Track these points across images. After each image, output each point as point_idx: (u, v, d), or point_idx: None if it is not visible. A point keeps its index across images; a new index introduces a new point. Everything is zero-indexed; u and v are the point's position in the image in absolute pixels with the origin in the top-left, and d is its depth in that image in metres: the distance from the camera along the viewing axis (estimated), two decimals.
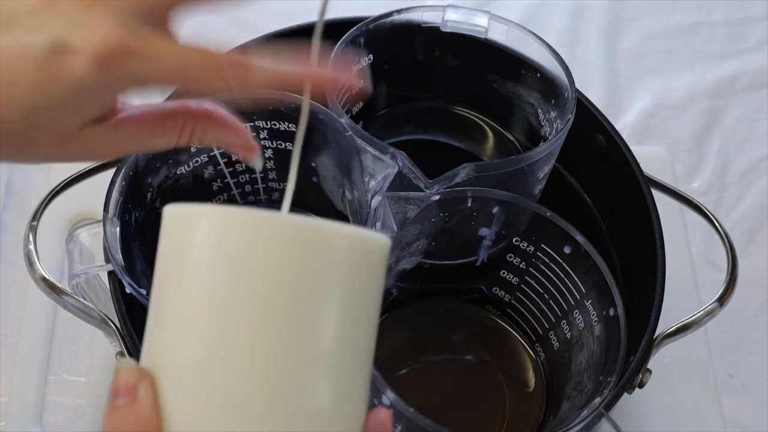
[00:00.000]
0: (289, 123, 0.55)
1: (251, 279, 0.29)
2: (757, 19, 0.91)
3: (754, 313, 0.72)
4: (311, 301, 0.30)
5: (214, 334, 0.29)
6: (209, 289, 0.30)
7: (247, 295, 0.29)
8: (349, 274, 0.31)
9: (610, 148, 0.61)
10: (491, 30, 0.60)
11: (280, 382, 0.29)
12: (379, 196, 0.49)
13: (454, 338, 0.61)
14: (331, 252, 0.30)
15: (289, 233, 0.30)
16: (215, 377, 0.29)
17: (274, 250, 0.30)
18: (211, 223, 0.30)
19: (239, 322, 0.29)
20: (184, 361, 0.30)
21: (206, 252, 0.30)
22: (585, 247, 0.51)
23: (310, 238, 0.30)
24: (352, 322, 0.31)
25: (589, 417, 0.46)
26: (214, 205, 0.31)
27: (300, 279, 0.30)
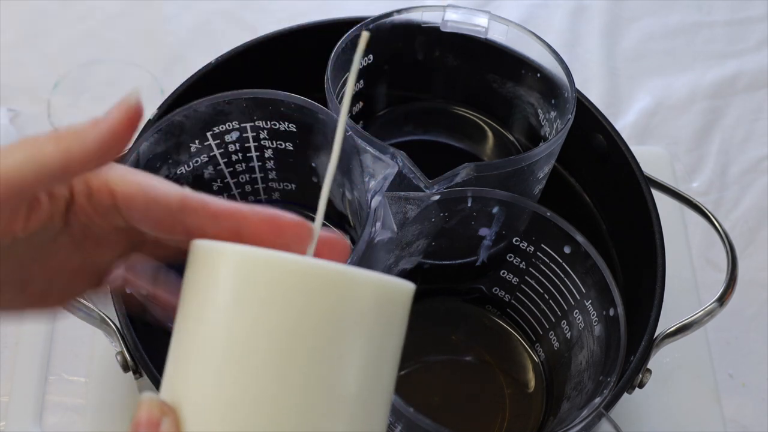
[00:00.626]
0: (289, 123, 0.55)
1: (274, 325, 0.29)
2: (757, 19, 0.91)
3: (754, 313, 0.72)
4: (334, 349, 0.30)
5: (235, 377, 0.29)
6: (232, 331, 0.30)
7: (270, 340, 0.29)
8: (374, 323, 0.31)
9: (610, 148, 0.61)
10: (491, 30, 0.60)
11: (300, 427, 0.29)
12: (379, 196, 0.49)
13: (454, 338, 0.61)
14: (356, 300, 0.30)
15: (314, 280, 0.29)
16: (236, 421, 0.29)
17: (299, 296, 0.29)
18: (236, 265, 0.30)
19: (261, 367, 0.29)
20: (205, 401, 0.30)
21: (229, 294, 0.30)
22: (585, 247, 0.51)
23: (335, 285, 0.30)
24: (373, 370, 0.31)
25: (589, 417, 0.46)
26: (240, 247, 0.30)
27: (324, 327, 0.29)
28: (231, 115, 0.54)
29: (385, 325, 0.31)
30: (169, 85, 0.64)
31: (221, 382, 0.30)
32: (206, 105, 0.53)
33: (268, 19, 0.85)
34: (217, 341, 0.30)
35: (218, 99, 0.53)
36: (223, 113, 0.53)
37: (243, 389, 0.29)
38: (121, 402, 0.61)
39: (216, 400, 0.30)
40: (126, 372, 0.53)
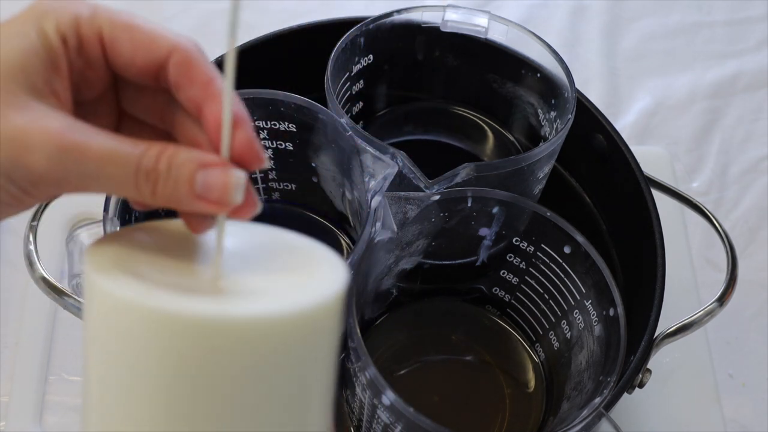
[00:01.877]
0: (289, 123, 0.55)
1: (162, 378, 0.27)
2: (757, 19, 0.91)
3: (754, 313, 0.72)
4: (246, 402, 0.27)
5: None
6: (127, 394, 0.27)
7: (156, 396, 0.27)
8: (290, 359, 0.28)
9: (610, 148, 0.61)
10: (491, 30, 0.60)
11: None
12: (379, 196, 0.49)
13: (454, 338, 0.61)
14: (269, 349, 0.27)
15: (202, 335, 0.26)
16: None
17: (199, 358, 0.26)
18: (131, 327, 0.27)
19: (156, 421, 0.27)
20: None
21: (123, 353, 0.27)
22: (585, 247, 0.51)
23: (232, 340, 0.26)
24: (299, 401, 0.29)
25: (589, 417, 0.46)
26: (132, 302, 0.27)
27: (235, 378, 0.27)
28: None
29: (302, 356, 0.28)
30: None
31: None
32: None
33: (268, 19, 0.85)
34: (109, 400, 0.28)
35: None
36: None
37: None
38: None
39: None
40: None
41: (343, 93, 0.60)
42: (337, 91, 0.58)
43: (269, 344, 0.27)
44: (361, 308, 0.55)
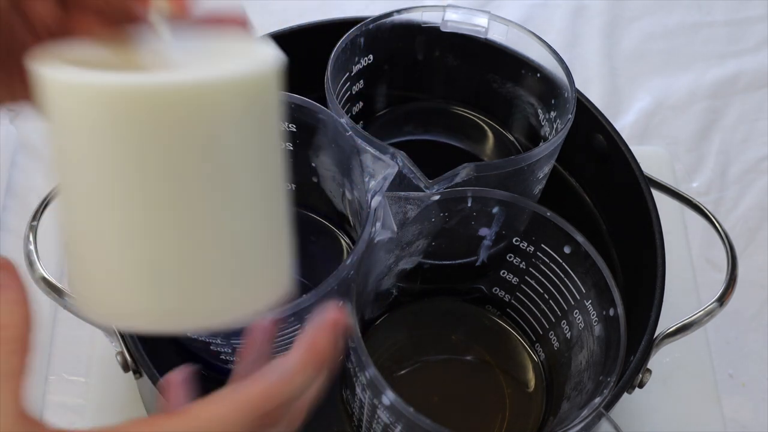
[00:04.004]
0: (289, 123, 0.55)
1: (137, 155, 0.28)
2: (757, 19, 0.91)
3: (754, 313, 0.72)
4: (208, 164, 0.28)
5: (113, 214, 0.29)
6: (106, 162, 0.28)
7: (143, 162, 0.28)
8: (242, 123, 0.29)
9: (610, 148, 0.61)
10: (491, 30, 0.60)
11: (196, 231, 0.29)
12: (379, 196, 0.49)
13: (454, 338, 0.61)
14: (215, 111, 0.28)
15: (160, 101, 0.27)
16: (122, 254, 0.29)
17: (159, 124, 0.28)
18: (85, 103, 0.28)
19: (137, 198, 0.28)
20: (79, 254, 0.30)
21: (90, 138, 0.28)
22: (585, 247, 0.51)
23: (183, 101, 0.28)
24: (254, 155, 0.30)
25: (589, 417, 0.46)
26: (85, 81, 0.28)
27: (192, 146, 0.28)
28: None
29: (256, 119, 0.30)
30: None
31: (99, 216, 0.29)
32: None
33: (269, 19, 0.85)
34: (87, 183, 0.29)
35: None
36: None
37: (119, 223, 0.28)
38: (121, 402, 0.61)
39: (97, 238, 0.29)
40: (126, 372, 0.53)
41: (343, 93, 0.60)
42: (337, 91, 0.58)
43: (213, 110, 0.28)
44: (361, 308, 0.55)
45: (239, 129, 0.29)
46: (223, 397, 0.30)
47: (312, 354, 0.32)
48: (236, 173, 0.29)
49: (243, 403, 0.30)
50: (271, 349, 0.38)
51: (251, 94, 0.29)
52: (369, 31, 0.58)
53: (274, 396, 0.31)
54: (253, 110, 0.30)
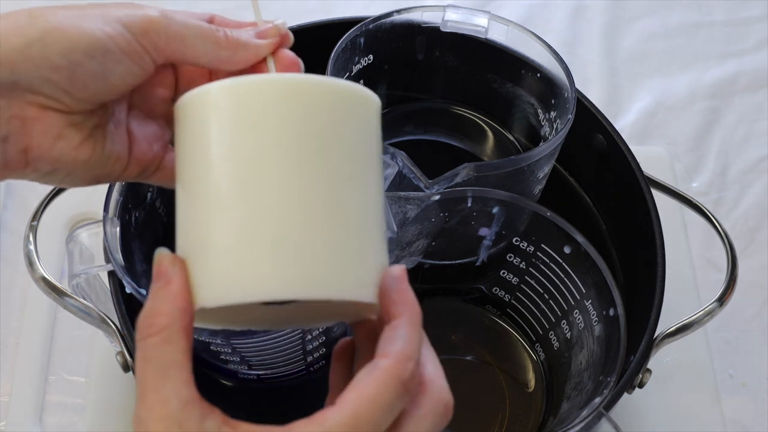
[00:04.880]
0: None
1: (265, 145, 0.31)
2: (757, 19, 0.91)
3: (754, 313, 0.72)
4: (325, 152, 0.32)
5: (230, 212, 0.31)
6: (220, 168, 0.31)
7: (265, 161, 0.31)
8: (352, 120, 0.33)
9: (610, 148, 0.61)
10: (491, 30, 0.60)
11: (302, 247, 0.31)
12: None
13: (454, 338, 0.61)
14: (335, 103, 0.32)
15: (286, 93, 0.31)
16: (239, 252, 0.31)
17: (290, 111, 0.31)
18: (218, 100, 0.32)
19: (259, 191, 0.31)
20: (203, 242, 0.32)
21: (222, 129, 0.32)
22: (585, 247, 0.51)
23: (309, 94, 0.32)
24: (360, 166, 0.33)
25: (589, 417, 0.46)
26: (220, 82, 0.32)
27: (316, 133, 0.31)
28: None
29: (363, 122, 0.34)
30: None
31: (212, 220, 0.32)
32: None
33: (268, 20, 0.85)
34: (217, 177, 0.31)
35: None
36: None
37: (236, 220, 0.31)
38: (121, 402, 0.61)
39: (210, 237, 0.31)
40: (126, 372, 0.53)
41: None
42: None
43: (341, 107, 0.33)
44: None
45: (357, 128, 0.34)
46: (364, 379, 0.31)
47: (417, 317, 0.35)
48: (355, 164, 0.33)
49: (387, 380, 0.31)
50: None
51: (367, 105, 0.35)
52: (369, 31, 0.58)
53: (410, 361, 0.32)
54: (365, 118, 0.35)
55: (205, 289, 0.32)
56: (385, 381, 0.31)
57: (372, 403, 0.30)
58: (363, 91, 0.34)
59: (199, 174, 0.32)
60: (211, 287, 0.32)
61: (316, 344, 0.53)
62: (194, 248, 0.32)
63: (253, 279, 0.31)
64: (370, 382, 0.31)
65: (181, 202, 0.33)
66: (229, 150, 0.31)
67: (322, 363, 0.55)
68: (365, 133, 0.34)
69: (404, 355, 0.32)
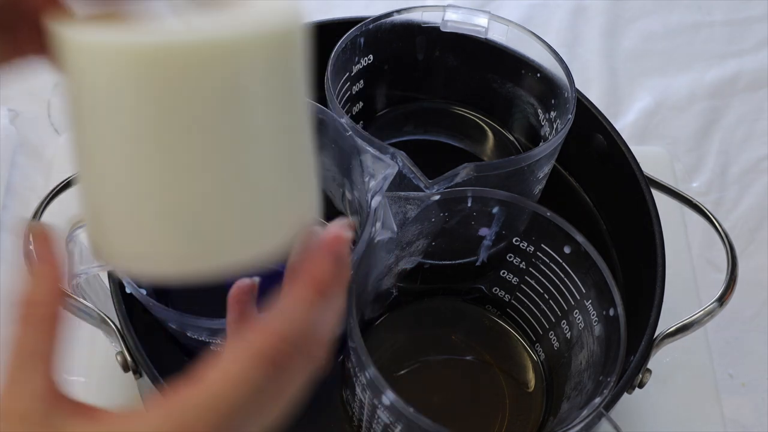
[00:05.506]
0: None
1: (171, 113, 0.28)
2: (757, 19, 0.91)
3: (754, 313, 0.72)
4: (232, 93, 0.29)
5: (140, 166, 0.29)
6: (123, 126, 0.29)
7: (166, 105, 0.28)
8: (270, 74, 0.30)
9: (610, 148, 0.61)
10: (491, 30, 0.60)
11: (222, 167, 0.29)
12: (379, 196, 0.49)
13: (454, 338, 0.61)
14: (243, 63, 0.29)
15: (183, 58, 0.28)
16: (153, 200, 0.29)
17: (189, 78, 0.28)
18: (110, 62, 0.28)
19: (165, 150, 0.28)
20: (98, 208, 0.30)
21: (118, 97, 0.28)
22: (585, 247, 0.51)
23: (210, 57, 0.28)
24: (282, 95, 0.31)
25: (589, 417, 0.46)
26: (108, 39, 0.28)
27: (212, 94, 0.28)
28: None
29: (283, 70, 0.31)
30: None
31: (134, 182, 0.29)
32: None
33: None
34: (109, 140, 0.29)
35: None
36: None
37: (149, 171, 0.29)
38: (121, 402, 0.61)
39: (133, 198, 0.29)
40: (126, 372, 0.53)
41: (343, 93, 0.60)
42: (337, 91, 0.58)
43: (237, 63, 0.29)
44: (361, 308, 0.55)
45: (259, 80, 0.30)
46: (229, 356, 0.28)
47: (313, 287, 0.29)
48: (253, 116, 0.29)
49: (253, 359, 0.28)
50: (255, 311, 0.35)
51: (272, 46, 0.30)
52: (369, 31, 0.58)
53: (284, 342, 0.28)
54: (274, 61, 0.30)
55: (107, 249, 0.30)
56: (252, 361, 0.28)
57: (236, 385, 0.27)
58: (268, 32, 0.30)
59: (90, 130, 0.30)
60: (111, 251, 0.30)
61: None
62: (93, 211, 0.31)
63: (151, 249, 0.29)
64: (235, 359, 0.28)
65: (76, 155, 0.31)
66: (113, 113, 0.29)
67: None
68: (269, 83, 0.30)
69: (280, 334, 0.28)
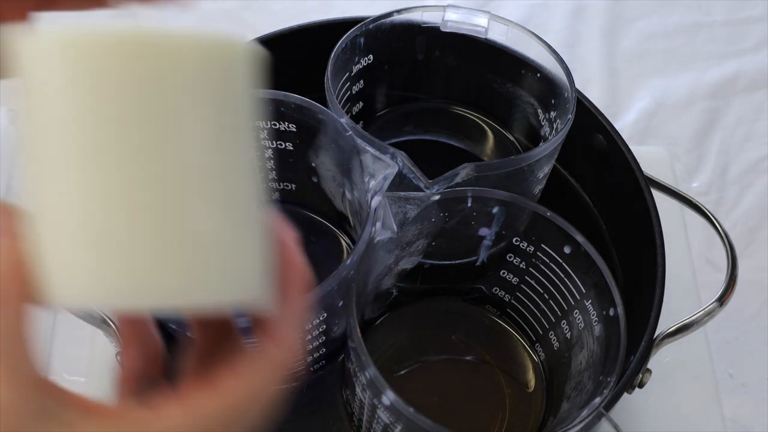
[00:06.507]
0: (289, 123, 0.55)
1: (101, 108, 0.27)
2: (757, 19, 0.91)
3: (754, 313, 0.72)
4: (168, 120, 0.27)
5: (75, 172, 0.28)
6: (63, 124, 0.28)
7: (100, 125, 0.27)
8: (206, 83, 0.28)
9: (610, 148, 0.61)
10: (491, 30, 0.60)
11: (155, 207, 0.27)
12: (379, 196, 0.49)
13: (454, 338, 0.61)
14: (178, 66, 0.27)
15: (123, 51, 0.27)
16: (85, 215, 0.28)
17: (115, 74, 0.27)
18: (56, 54, 0.27)
19: (100, 155, 0.27)
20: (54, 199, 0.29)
21: (53, 85, 0.28)
22: (585, 247, 0.51)
23: (151, 54, 0.27)
24: (223, 132, 0.28)
25: (589, 417, 0.46)
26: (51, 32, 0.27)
27: (152, 99, 0.27)
28: None
29: (223, 85, 0.29)
30: None
31: (59, 179, 0.28)
32: None
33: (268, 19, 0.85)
34: (51, 140, 0.28)
35: None
36: None
37: (79, 182, 0.28)
38: None
39: (59, 197, 0.29)
40: None
41: (343, 93, 0.60)
42: (337, 91, 0.58)
43: (186, 65, 0.28)
44: (361, 308, 0.55)
45: (197, 93, 0.28)
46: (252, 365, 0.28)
47: (288, 352, 0.29)
48: (194, 143, 0.27)
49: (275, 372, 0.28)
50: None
51: (214, 59, 0.28)
52: (369, 31, 0.58)
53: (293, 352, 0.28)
54: (215, 78, 0.28)
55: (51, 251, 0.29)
56: (274, 372, 0.28)
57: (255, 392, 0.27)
58: (217, 48, 0.28)
59: (36, 134, 0.29)
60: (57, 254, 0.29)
61: (317, 344, 0.53)
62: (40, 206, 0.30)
63: (83, 284, 0.28)
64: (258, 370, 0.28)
65: (28, 154, 0.30)
66: (45, 122, 0.28)
67: (323, 363, 0.55)
68: (223, 99, 0.29)
69: (294, 343, 0.29)
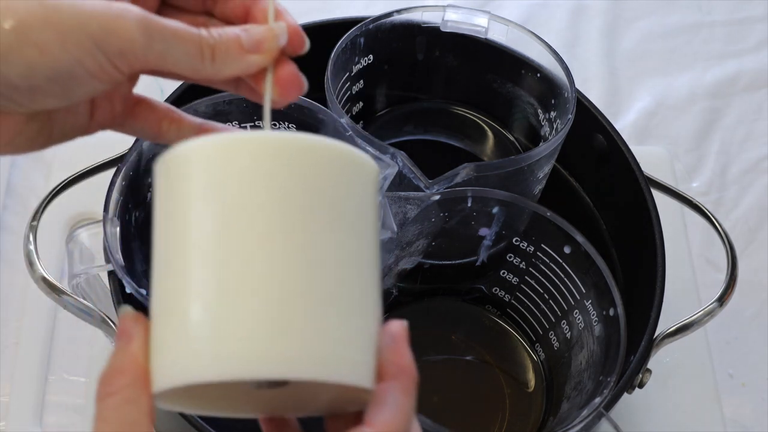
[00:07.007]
0: (289, 123, 0.55)
1: (246, 208, 0.29)
2: (757, 19, 0.91)
3: (754, 313, 0.72)
4: (313, 221, 0.29)
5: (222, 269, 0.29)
6: (196, 228, 0.29)
7: (244, 226, 0.28)
8: (345, 187, 0.30)
9: (610, 148, 0.61)
10: (491, 30, 0.60)
11: (284, 311, 0.28)
12: (379, 196, 0.49)
13: (454, 338, 0.61)
14: (326, 167, 0.30)
15: (277, 152, 0.29)
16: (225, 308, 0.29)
17: (265, 175, 0.29)
18: (201, 158, 0.29)
19: (234, 256, 0.28)
20: (174, 302, 0.30)
21: (196, 189, 0.29)
22: (585, 247, 0.51)
23: (300, 155, 0.29)
24: (355, 236, 0.30)
25: (589, 417, 0.46)
26: (203, 138, 0.30)
27: (298, 198, 0.29)
28: (231, 114, 0.54)
29: (358, 190, 0.31)
30: (169, 85, 0.64)
31: (179, 281, 0.29)
32: (206, 105, 0.53)
33: None
34: (178, 245, 0.29)
35: (218, 99, 0.53)
36: (224, 113, 0.53)
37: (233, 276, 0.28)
38: None
39: (180, 299, 0.29)
40: None
41: (343, 93, 0.60)
42: (337, 91, 0.58)
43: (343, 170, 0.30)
44: None
45: (353, 197, 0.30)
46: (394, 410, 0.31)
47: (409, 379, 0.33)
48: (338, 237, 0.30)
49: None
50: None
51: (363, 172, 0.31)
52: (369, 31, 0.58)
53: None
54: (361, 186, 0.31)
55: (164, 369, 0.30)
56: None
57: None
58: (360, 158, 0.31)
59: (173, 237, 0.30)
60: (172, 366, 0.30)
61: None
62: (166, 321, 0.30)
63: (225, 355, 0.28)
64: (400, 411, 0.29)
65: (155, 273, 0.31)
66: (210, 216, 0.29)
67: None
68: (361, 202, 0.31)
69: (392, 426, 0.30)
